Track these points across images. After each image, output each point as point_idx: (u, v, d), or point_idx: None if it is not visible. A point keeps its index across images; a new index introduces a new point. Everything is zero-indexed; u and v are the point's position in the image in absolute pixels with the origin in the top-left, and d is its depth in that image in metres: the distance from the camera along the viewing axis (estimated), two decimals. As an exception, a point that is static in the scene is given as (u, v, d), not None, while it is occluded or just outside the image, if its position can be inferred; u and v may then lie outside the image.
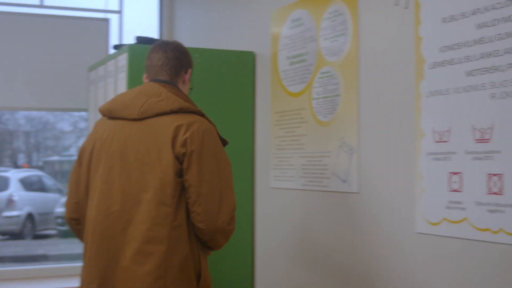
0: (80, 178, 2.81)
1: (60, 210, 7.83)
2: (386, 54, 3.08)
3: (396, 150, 2.99)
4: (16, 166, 9.26)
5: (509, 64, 2.39)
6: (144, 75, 2.95)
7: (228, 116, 4.26)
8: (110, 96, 4.34)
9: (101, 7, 5.87)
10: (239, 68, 4.34)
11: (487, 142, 2.48)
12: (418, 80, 2.83)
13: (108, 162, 2.72)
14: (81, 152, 2.86)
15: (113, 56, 4.36)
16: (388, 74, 3.06)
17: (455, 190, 2.63)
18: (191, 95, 3.01)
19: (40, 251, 8.10)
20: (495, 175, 2.45)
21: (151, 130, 2.67)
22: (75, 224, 2.87)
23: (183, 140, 2.61)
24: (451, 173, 2.65)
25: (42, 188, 9.24)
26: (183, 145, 2.61)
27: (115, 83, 4.26)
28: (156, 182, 2.61)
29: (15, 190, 8.50)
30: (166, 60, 2.88)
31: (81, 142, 10.06)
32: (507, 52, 2.40)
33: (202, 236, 2.67)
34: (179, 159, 2.61)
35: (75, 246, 4.54)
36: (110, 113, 2.82)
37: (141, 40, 4.24)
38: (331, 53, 3.50)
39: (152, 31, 5.91)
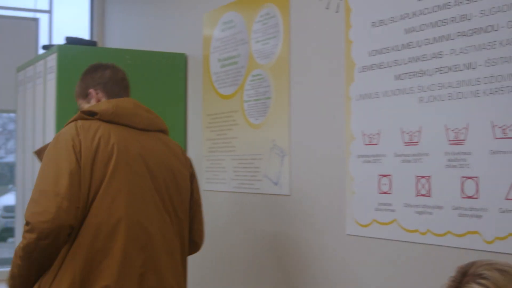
0: (82, 181, 2.47)
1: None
2: (317, 57, 3.08)
3: (326, 153, 2.99)
4: None
5: (437, 68, 2.42)
6: (95, 91, 2.79)
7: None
8: (40, 97, 4.24)
9: (31, 6, 5.73)
10: (170, 70, 4.28)
11: (415, 145, 2.50)
12: (348, 83, 2.84)
13: (132, 168, 2.57)
14: (78, 152, 2.50)
15: (42, 57, 4.25)
16: (319, 77, 3.06)
17: (384, 192, 2.64)
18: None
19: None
20: (423, 177, 2.47)
21: (165, 146, 2.79)
22: (67, 233, 2.40)
23: (189, 164, 2.91)
24: (381, 175, 2.66)
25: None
26: (190, 167, 2.90)
27: (44, 85, 4.15)
28: (182, 197, 2.76)
29: None
30: (126, 78, 2.92)
31: (11, 143, 9.79)
32: (434, 57, 2.43)
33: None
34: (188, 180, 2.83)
35: None
36: (115, 118, 2.64)
37: (71, 41, 4.15)
38: (262, 56, 3.48)
39: (83, 32, 5.80)
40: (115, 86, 2.83)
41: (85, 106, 2.78)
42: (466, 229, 2.29)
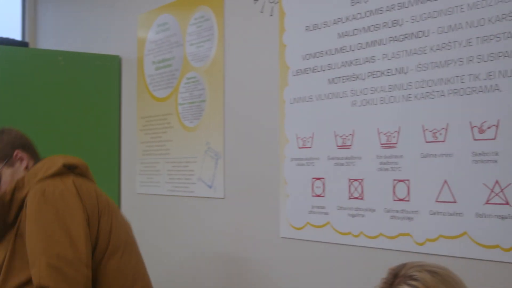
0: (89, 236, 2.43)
1: None
2: (251, 61, 3.07)
3: (261, 156, 2.98)
4: None
5: (369, 72, 2.43)
6: (22, 153, 2.64)
7: (93, 121, 4.11)
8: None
9: (-41, 6, 5.55)
10: (104, 72, 4.20)
11: (348, 148, 2.51)
12: (282, 87, 2.83)
13: (120, 219, 2.62)
14: (84, 212, 2.43)
15: (-29, 58, 4.11)
16: (253, 81, 3.04)
17: (318, 195, 2.64)
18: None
19: None
20: (356, 180, 2.48)
21: None
22: None
23: None
24: (314, 178, 2.66)
25: None
26: None
27: (-28, 86, 4.02)
28: None
29: None
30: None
31: None
32: (367, 61, 2.44)
33: None
34: None
35: None
36: (86, 171, 2.63)
37: (2, 41, 4.04)
38: (197, 59, 3.45)
39: (14, 32, 5.64)
40: (33, 148, 2.72)
41: (7, 171, 2.61)
42: (398, 231, 2.31)
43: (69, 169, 2.52)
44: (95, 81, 4.16)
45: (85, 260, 2.32)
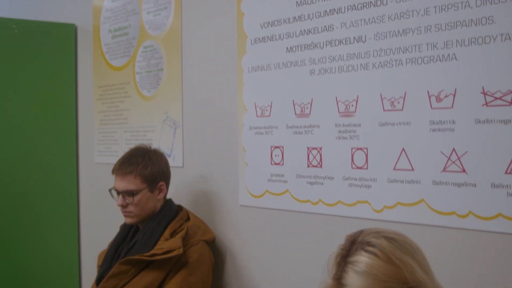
0: None
1: None
2: (209, 29, 3.00)
3: (220, 124, 2.93)
4: None
5: (327, 41, 2.39)
6: (164, 186, 2.84)
7: (49, 91, 4.00)
8: None
9: None
10: (60, 40, 4.08)
11: (306, 116, 2.47)
12: (240, 56, 2.78)
13: None
14: None
15: None
16: (211, 49, 2.98)
17: (277, 164, 2.61)
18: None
19: None
20: (314, 148, 2.45)
21: None
22: None
23: None
24: (273, 146, 2.63)
25: None
26: None
27: None
28: None
29: None
30: None
31: None
32: (325, 30, 2.40)
33: None
34: None
35: None
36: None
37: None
38: (153, 27, 3.36)
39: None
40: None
41: (146, 194, 2.72)
42: (356, 199, 2.30)
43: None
44: (50, 50, 4.03)
45: None
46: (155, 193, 2.74)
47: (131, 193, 2.68)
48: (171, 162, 3.19)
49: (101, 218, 3.84)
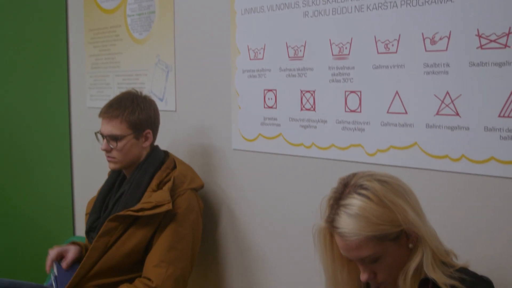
0: None
1: None
2: (201, -29, 2.94)
3: (212, 68, 2.90)
4: None
5: (321, -18, 2.35)
6: (151, 134, 2.77)
7: (39, 35, 3.93)
8: None
9: None
10: (49, -18, 4.00)
11: (300, 59, 2.44)
12: (233, -2, 2.73)
13: None
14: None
15: None
16: (204, -9, 2.93)
17: (270, 107, 2.59)
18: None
19: None
20: (307, 91, 2.43)
21: None
22: None
23: None
24: (266, 90, 2.61)
25: None
26: None
27: None
28: None
29: None
30: None
31: None
32: (319, -29, 2.36)
33: None
34: None
35: None
36: None
37: None
38: (145, -31, 3.30)
39: None
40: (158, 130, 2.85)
41: (131, 140, 2.66)
42: (349, 142, 2.29)
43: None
44: (40, -7, 3.96)
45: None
46: (141, 141, 2.68)
47: (115, 138, 2.62)
48: (163, 106, 3.17)
49: (94, 162, 3.83)
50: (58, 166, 4.05)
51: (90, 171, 3.91)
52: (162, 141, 3.07)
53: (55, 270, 2.68)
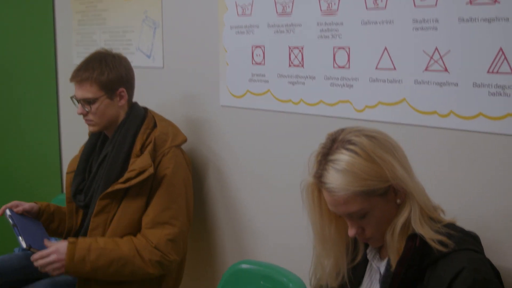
0: None
1: None
2: None
3: (200, 24, 2.86)
4: None
5: None
6: (125, 92, 2.69)
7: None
8: None
9: None
10: None
11: (288, 15, 2.42)
12: (220, -48, 2.69)
13: None
14: None
15: None
16: None
17: (258, 63, 2.57)
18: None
19: None
20: (296, 47, 2.41)
21: None
22: None
23: None
24: (254, 46, 2.58)
25: None
26: None
27: None
28: None
29: None
30: None
31: None
32: None
33: None
34: None
35: None
36: None
37: None
38: None
39: None
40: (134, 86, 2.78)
41: (105, 101, 2.60)
42: (338, 98, 2.28)
43: None
44: None
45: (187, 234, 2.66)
46: (115, 100, 2.62)
47: (89, 102, 2.57)
48: (150, 63, 3.14)
49: (81, 120, 3.77)
50: (45, 123, 4.02)
51: (78, 128, 3.87)
52: (149, 99, 3.05)
53: (7, 216, 2.60)
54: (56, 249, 2.41)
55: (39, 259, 2.40)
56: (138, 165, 2.50)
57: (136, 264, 2.46)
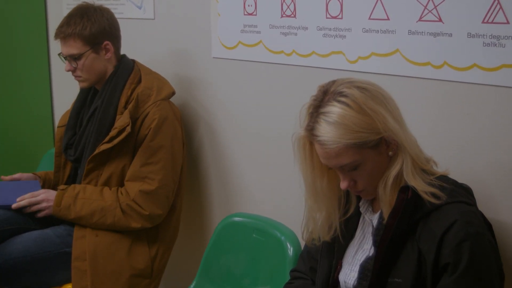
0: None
1: None
2: None
3: (190, -26, 2.81)
4: None
5: None
6: (110, 45, 2.65)
7: None
8: None
9: None
10: None
11: (280, -36, 2.37)
12: None
13: None
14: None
15: None
16: None
17: (250, 14, 2.52)
18: None
19: None
20: (288, -2, 2.36)
21: None
22: None
23: None
24: (246, -4, 2.53)
25: None
26: None
27: None
28: None
29: None
30: None
31: None
32: None
33: None
34: None
35: None
36: None
37: None
38: None
39: None
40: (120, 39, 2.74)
41: (90, 55, 2.57)
42: (330, 49, 2.23)
43: None
44: None
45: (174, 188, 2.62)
46: (101, 54, 2.58)
47: (75, 58, 2.55)
48: (141, 14, 3.09)
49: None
50: (37, 77, 3.98)
51: (69, 82, 3.83)
52: (140, 50, 3.00)
53: None
54: (46, 191, 2.55)
55: (30, 197, 2.52)
56: (119, 123, 2.49)
57: (117, 216, 2.48)
